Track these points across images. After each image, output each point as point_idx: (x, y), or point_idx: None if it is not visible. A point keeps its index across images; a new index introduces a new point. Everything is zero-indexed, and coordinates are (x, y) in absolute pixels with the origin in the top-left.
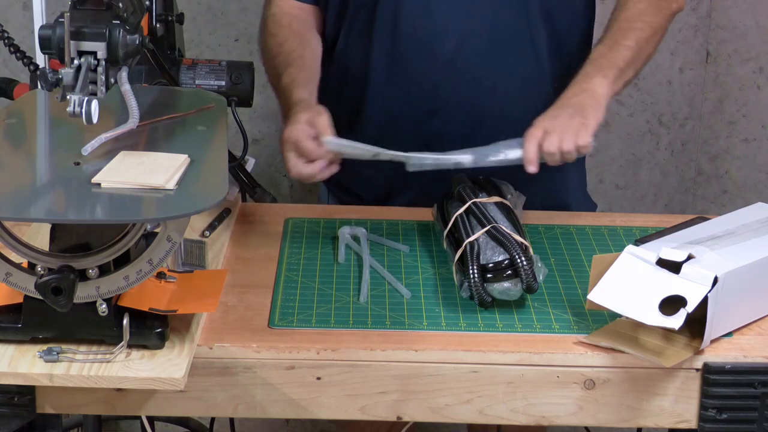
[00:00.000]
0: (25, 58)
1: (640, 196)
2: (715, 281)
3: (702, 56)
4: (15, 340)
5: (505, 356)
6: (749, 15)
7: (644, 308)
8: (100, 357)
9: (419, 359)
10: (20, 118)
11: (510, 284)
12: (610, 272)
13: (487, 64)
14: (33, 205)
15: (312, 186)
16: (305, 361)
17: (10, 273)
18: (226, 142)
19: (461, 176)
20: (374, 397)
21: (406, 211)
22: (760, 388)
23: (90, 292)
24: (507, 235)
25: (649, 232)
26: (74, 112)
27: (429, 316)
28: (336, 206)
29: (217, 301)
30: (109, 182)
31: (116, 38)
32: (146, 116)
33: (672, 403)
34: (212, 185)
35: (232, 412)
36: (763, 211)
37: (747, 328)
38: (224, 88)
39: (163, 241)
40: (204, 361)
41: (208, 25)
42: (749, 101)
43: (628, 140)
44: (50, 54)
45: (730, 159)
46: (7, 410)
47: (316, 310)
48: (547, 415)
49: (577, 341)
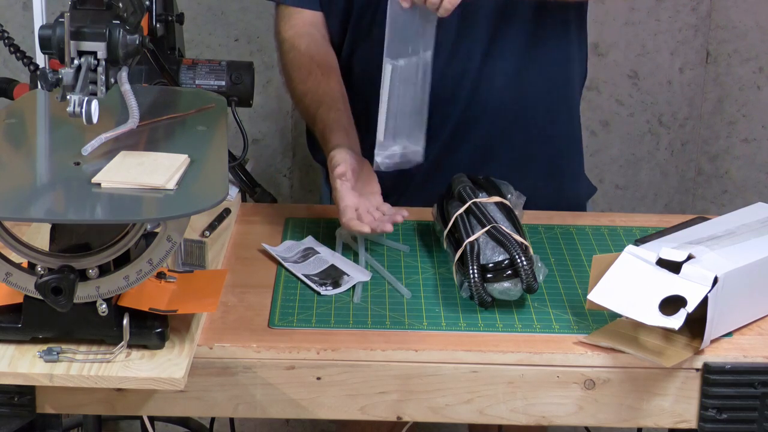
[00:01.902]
0: (25, 58)
1: (640, 196)
2: (715, 281)
3: (702, 56)
4: (15, 340)
5: (505, 356)
6: (749, 15)
7: (644, 308)
8: (100, 357)
9: (419, 359)
10: (20, 118)
11: (510, 284)
12: (610, 272)
13: (483, 65)
14: (33, 205)
15: (312, 186)
16: (305, 361)
17: (10, 273)
18: (226, 142)
19: (461, 176)
20: (374, 397)
21: (407, 211)
22: (760, 388)
23: (90, 292)
24: (507, 235)
25: (649, 232)
26: (74, 112)
27: (429, 316)
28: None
29: (217, 301)
30: (109, 182)
31: (116, 38)
32: (146, 116)
33: (672, 403)
34: (212, 185)
35: (232, 412)
36: (763, 211)
37: (747, 328)
38: (224, 88)
39: (163, 241)
40: (204, 361)
41: (208, 25)
42: (749, 101)
43: (628, 140)
44: (50, 54)
45: (730, 159)
46: (7, 410)
47: (316, 310)
48: (547, 415)
49: (577, 341)
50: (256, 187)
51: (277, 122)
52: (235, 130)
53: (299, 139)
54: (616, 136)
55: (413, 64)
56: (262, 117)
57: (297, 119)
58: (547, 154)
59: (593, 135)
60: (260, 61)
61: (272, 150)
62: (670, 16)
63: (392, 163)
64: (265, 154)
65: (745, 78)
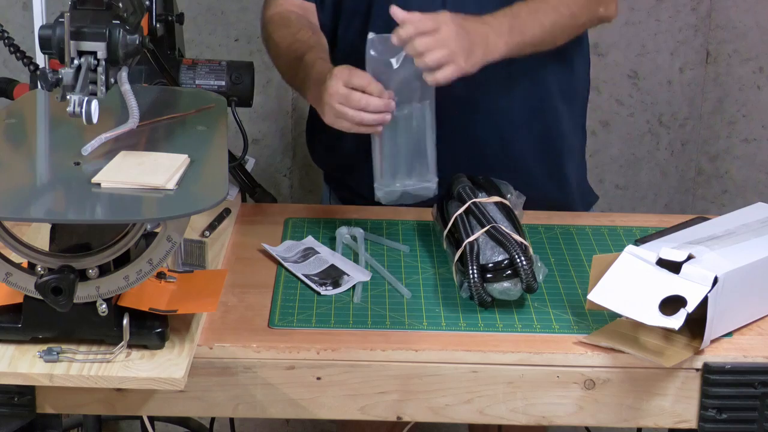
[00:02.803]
0: (25, 58)
1: (640, 196)
2: (715, 281)
3: (702, 56)
4: (15, 340)
5: (505, 356)
6: (749, 15)
7: (644, 308)
8: (100, 357)
9: (419, 359)
10: (20, 118)
11: (510, 284)
12: (610, 272)
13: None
14: (33, 205)
15: (312, 186)
16: (305, 361)
17: (10, 273)
18: (226, 142)
19: (461, 176)
20: (374, 397)
21: (406, 211)
22: (760, 388)
23: (90, 292)
24: (507, 235)
25: (649, 232)
26: (74, 112)
27: (429, 316)
28: (336, 206)
29: (217, 301)
30: (109, 182)
31: (116, 38)
32: (146, 116)
33: (672, 403)
34: (212, 185)
35: (232, 412)
36: (763, 211)
37: (747, 328)
38: (224, 88)
39: (163, 241)
40: (204, 361)
41: (208, 25)
42: (749, 101)
43: (628, 140)
44: (50, 54)
45: (730, 159)
46: (7, 410)
47: (316, 310)
48: (547, 415)
49: (577, 341)
50: (256, 187)
51: (277, 122)
52: (235, 130)
53: (299, 139)
54: (616, 136)
55: (402, 116)
56: (262, 117)
57: (297, 119)
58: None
59: (593, 135)
60: (260, 61)
61: (272, 150)
62: (670, 16)
63: (394, 198)
64: (265, 154)
65: (745, 78)
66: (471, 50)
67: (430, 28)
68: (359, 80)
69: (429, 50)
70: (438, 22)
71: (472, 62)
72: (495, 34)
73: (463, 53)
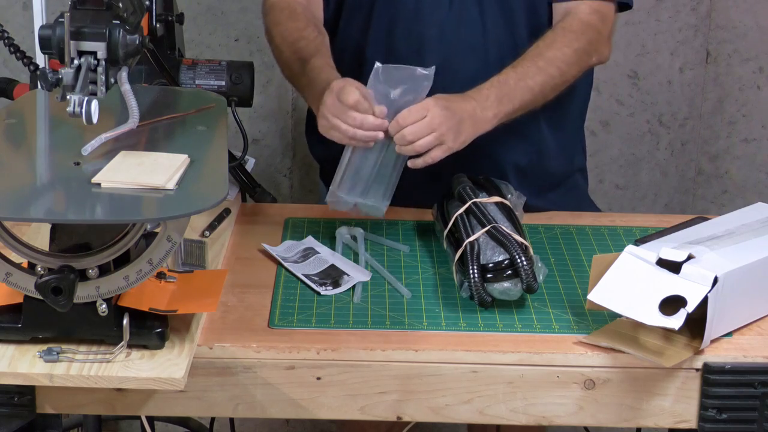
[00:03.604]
0: (25, 58)
1: (640, 196)
2: (715, 281)
3: (702, 56)
4: (15, 340)
5: (505, 356)
6: (749, 15)
7: (644, 308)
8: (100, 357)
9: (419, 359)
10: (20, 118)
11: (510, 284)
12: (610, 272)
13: (476, 67)
14: (33, 205)
15: (312, 186)
16: (305, 361)
17: (10, 273)
18: (226, 142)
19: (461, 176)
20: (374, 397)
21: (406, 211)
22: (760, 388)
23: (90, 292)
24: (507, 235)
25: (649, 232)
26: (74, 112)
27: (429, 316)
28: None
29: (217, 301)
30: (109, 182)
31: (116, 38)
32: (146, 116)
33: (672, 403)
34: (212, 185)
35: (232, 412)
36: (763, 211)
37: (747, 328)
38: (224, 88)
39: (163, 241)
40: (204, 361)
41: (208, 25)
42: (749, 101)
43: (628, 140)
44: (50, 54)
45: (730, 159)
46: (7, 410)
47: (316, 310)
48: (547, 415)
49: (577, 341)
50: (256, 187)
51: (277, 122)
52: (235, 130)
53: (299, 139)
54: (616, 136)
55: (384, 142)
56: (262, 117)
57: (297, 119)
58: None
59: (593, 135)
60: (260, 61)
61: (272, 150)
62: (670, 16)
63: (343, 209)
64: (265, 154)
65: (745, 78)
66: (459, 129)
67: (418, 119)
68: (349, 99)
69: (418, 137)
70: (425, 108)
71: (461, 141)
72: (481, 108)
73: (452, 133)
